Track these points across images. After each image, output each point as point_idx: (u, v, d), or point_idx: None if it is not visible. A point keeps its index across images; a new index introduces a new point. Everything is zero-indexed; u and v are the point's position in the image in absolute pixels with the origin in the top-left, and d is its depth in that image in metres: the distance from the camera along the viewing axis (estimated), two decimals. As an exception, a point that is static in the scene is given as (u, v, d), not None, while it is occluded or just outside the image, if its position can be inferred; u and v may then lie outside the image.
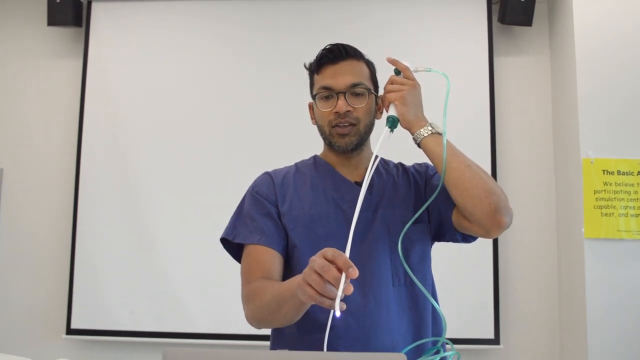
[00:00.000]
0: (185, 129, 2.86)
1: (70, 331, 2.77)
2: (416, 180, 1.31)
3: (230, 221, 1.28)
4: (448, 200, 1.18)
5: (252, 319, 1.16)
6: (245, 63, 2.91)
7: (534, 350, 2.75)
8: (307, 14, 2.93)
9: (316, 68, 1.26)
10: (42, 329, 2.87)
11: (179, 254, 2.76)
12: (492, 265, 2.70)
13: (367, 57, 1.29)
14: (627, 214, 2.44)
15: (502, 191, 1.13)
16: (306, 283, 0.87)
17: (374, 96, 1.26)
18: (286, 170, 1.33)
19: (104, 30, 2.97)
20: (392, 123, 1.16)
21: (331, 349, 1.10)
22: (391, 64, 1.22)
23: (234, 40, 2.93)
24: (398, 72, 1.22)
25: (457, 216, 1.19)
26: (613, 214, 2.44)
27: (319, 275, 0.85)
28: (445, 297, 1.36)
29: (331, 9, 2.91)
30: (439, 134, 1.15)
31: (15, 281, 2.92)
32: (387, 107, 1.19)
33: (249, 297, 1.16)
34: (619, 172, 2.47)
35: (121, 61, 2.94)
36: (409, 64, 1.22)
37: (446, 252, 1.55)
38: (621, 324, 2.37)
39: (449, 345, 1.04)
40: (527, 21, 2.78)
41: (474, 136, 2.76)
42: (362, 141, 1.25)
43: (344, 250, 0.88)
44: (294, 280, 0.99)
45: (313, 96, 1.28)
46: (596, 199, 2.46)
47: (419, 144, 1.17)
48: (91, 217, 2.83)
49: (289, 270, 1.22)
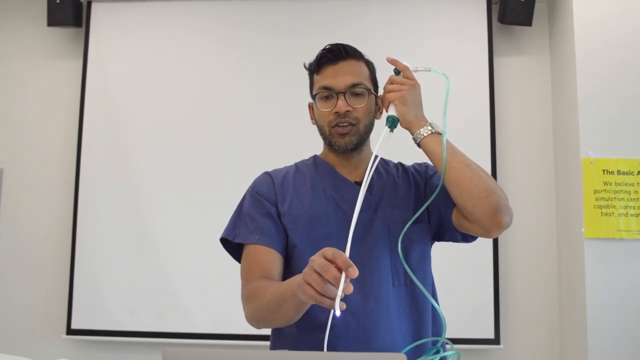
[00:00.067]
0: (186, 129, 2.86)
1: (70, 331, 2.77)
2: (416, 180, 1.31)
3: (230, 221, 1.28)
4: (448, 200, 1.18)
5: (252, 319, 1.16)
6: (245, 63, 2.91)
7: (534, 350, 2.75)
8: (307, 14, 2.93)
9: (316, 68, 1.26)
10: (42, 329, 2.87)
11: (179, 254, 2.76)
12: (492, 265, 2.70)
13: (367, 57, 1.29)
14: (627, 213, 2.44)
15: (502, 191, 1.13)
16: (306, 283, 0.87)
17: (373, 96, 1.26)
18: (286, 170, 1.33)
19: (104, 31, 2.97)
20: (392, 123, 1.16)
21: (331, 349, 1.10)
22: (391, 64, 1.22)
23: (234, 41, 2.93)
24: (398, 72, 1.22)
25: (457, 216, 1.19)
26: (613, 213, 2.44)
27: (319, 274, 0.85)
28: (445, 297, 1.36)
29: (331, 9, 2.91)
30: (438, 133, 1.15)
31: (15, 281, 2.92)
32: (386, 107, 1.19)
33: (248, 297, 1.16)
34: (619, 172, 2.47)
35: (121, 61, 2.94)
36: (408, 64, 1.22)
37: (446, 252, 1.55)
38: (621, 324, 2.37)
39: (448, 345, 1.04)
40: (527, 21, 2.78)
41: (474, 136, 2.76)
42: (362, 141, 1.25)
43: (344, 250, 0.88)
44: (293, 280, 0.99)
45: (313, 96, 1.27)
46: (596, 198, 2.46)
47: (418, 144, 1.17)
48: (91, 217, 2.84)
49: (289, 270, 1.22)
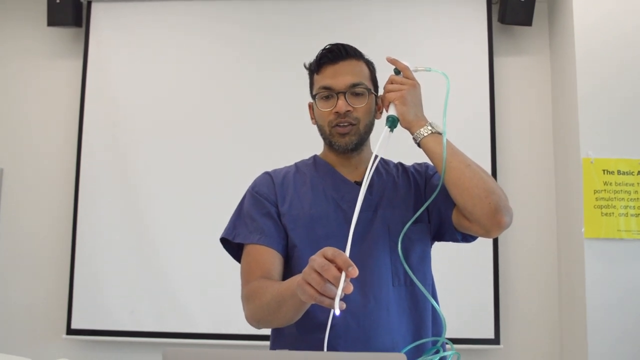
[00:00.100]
0: (185, 129, 2.86)
1: (70, 331, 2.77)
2: (416, 180, 1.31)
3: (230, 221, 1.28)
4: (448, 199, 1.18)
5: (251, 319, 1.16)
6: (245, 63, 2.91)
7: (534, 350, 2.75)
8: (307, 14, 2.93)
9: (316, 68, 1.26)
10: (42, 329, 2.87)
11: (179, 254, 2.76)
12: (492, 265, 2.70)
13: (367, 57, 1.29)
14: (627, 213, 2.44)
15: (502, 191, 1.13)
16: (306, 282, 0.87)
17: (373, 96, 1.26)
18: (286, 170, 1.33)
19: (104, 30, 2.97)
20: (392, 123, 1.15)
21: (331, 349, 1.10)
22: (391, 64, 1.22)
23: (234, 40, 2.93)
24: (398, 71, 1.22)
25: (457, 216, 1.19)
26: (613, 213, 2.44)
27: (319, 274, 0.85)
28: (445, 297, 1.36)
29: (331, 9, 2.91)
30: (438, 133, 1.15)
31: (15, 281, 2.92)
32: (386, 106, 1.19)
33: (248, 297, 1.16)
34: (619, 172, 2.47)
35: (121, 61, 2.94)
36: (408, 64, 1.22)
37: (446, 252, 1.55)
38: (621, 324, 2.37)
39: (448, 345, 1.04)
40: (527, 21, 2.78)
41: (474, 136, 2.76)
42: (362, 141, 1.25)
43: (344, 250, 0.88)
44: (293, 280, 0.99)
45: (313, 96, 1.27)
46: (596, 198, 2.46)
47: (418, 144, 1.17)
48: (91, 217, 2.83)
49: (289, 270, 1.22)
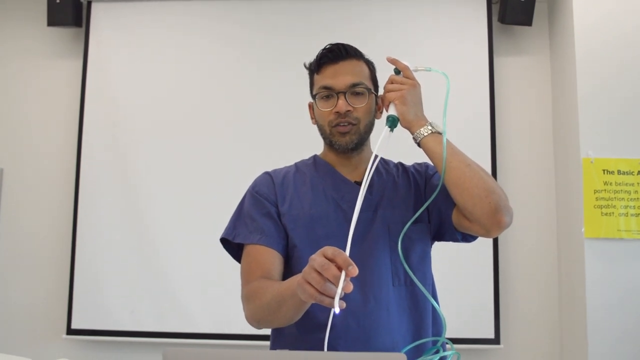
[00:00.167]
0: (185, 129, 2.86)
1: (70, 331, 2.77)
2: (416, 180, 1.31)
3: (230, 221, 1.28)
4: (448, 199, 1.18)
5: (252, 319, 1.16)
6: (245, 63, 2.91)
7: (534, 350, 2.75)
8: (307, 14, 2.93)
9: (316, 68, 1.26)
10: (42, 329, 2.87)
11: (179, 254, 2.76)
12: (492, 265, 2.70)
13: (367, 57, 1.29)
14: (627, 213, 2.44)
15: (502, 190, 1.13)
16: (306, 281, 0.87)
17: (374, 96, 1.26)
18: (286, 170, 1.33)
19: (104, 30, 2.97)
20: (392, 122, 1.16)
21: (331, 349, 1.10)
22: (391, 64, 1.22)
23: (233, 40, 2.93)
24: (398, 71, 1.22)
25: (457, 216, 1.19)
26: (613, 213, 2.44)
27: (319, 273, 0.85)
28: (445, 297, 1.36)
29: (331, 9, 2.91)
30: (439, 133, 1.15)
31: (15, 281, 2.92)
32: (387, 106, 1.19)
33: (249, 297, 1.16)
34: (619, 172, 2.47)
35: (121, 61, 2.94)
36: (408, 64, 1.22)
37: (446, 252, 1.55)
38: (621, 324, 2.37)
39: (448, 345, 1.04)
40: (527, 21, 2.78)
41: (474, 136, 2.76)
42: (362, 140, 1.25)
43: (344, 250, 0.88)
44: (294, 280, 0.99)
45: (313, 96, 1.27)
46: (596, 198, 2.46)
47: (418, 144, 1.17)
48: (91, 217, 2.83)
49: (289, 270, 1.22)
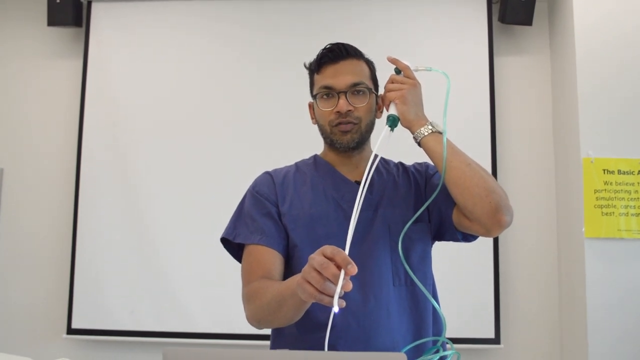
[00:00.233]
0: (186, 129, 2.86)
1: (70, 331, 2.77)
2: (416, 179, 1.31)
3: (231, 221, 1.28)
4: (448, 199, 1.18)
5: (252, 319, 1.16)
6: (245, 63, 2.91)
7: (534, 349, 2.75)
8: (307, 14, 2.93)
9: (316, 67, 1.26)
10: (42, 328, 2.87)
11: (179, 254, 2.76)
12: (492, 265, 2.70)
13: (367, 56, 1.29)
14: (627, 213, 2.44)
15: (502, 190, 1.13)
16: (305, 281, 0.87)
17: (374, 95, 1.26)
18: (286, 170, 1.33)
19: (104, 30, 2.96)
20: (393, 122, 1.16)
21: (331, 349, 1.10)
22: (392, 63, 1.22)
23: (234, 40, 2.93)
24: (398, 71, 1.22)
25: (458, 215, 1.19)
26: (613, 213, 2.44)
27: (318, 272, 0.85)
28: (445, 297, 1.36)
29: (331, 9, 2.91)
30: (439, 132, 1.15)
31: (15, 281, 2.92)
32: (387, 106, 1.19)
33: (249, 297, 1.16)
34: (619, 172, 2.47)
35: (121, 61, 2.94)
36: (409, 63, 1.22)
37: (446, 252, 1.55)
38: (622, 324, 2.37)
39: (449, 345, 1.04)
40: (527, 21, 2.78)
41: (474, 136, 2.75)
42: (363, 140, 1.25)
43: (344, 249, 0.88)
44: (293, 279, 0.99)
45: (314, 96, 1.27)
46: (596, 198, 2.46)
47: (419, 143, 1.17)
48: (91, 217, 2.83)
49: (290, 270, 1.22)
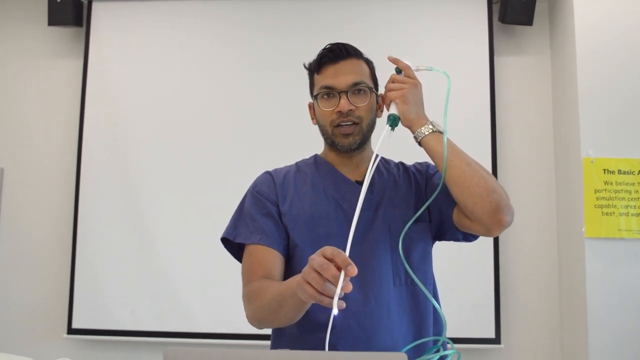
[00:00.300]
0: (186, 129, 2.86)
1: (71, 331, 2.77)
2: (417, 179, 1.31)
3: (231, 221, 1.28)
4: (449, 198, 1.18)
5: (253, 319, 1.16)
6: (245, 63, 2.91)
7: (534, 349, 2.75)
8: (307, 14, 2.93)
9: (317, 68, 1.26)
10: (43, 328, 2.87)
11: (179, 254, 2.76)
12: (492, 265, 2.70)
13: (367, 56, 1.29)
14: (627, 213, 2.44)
15: (503, 189, 1.13)
16: (306, 281, 0.87)
17: (375, 94, 1.26)
18: (287, 170, 1.33)
19: (104, 30, 2.96)
20: (393, 121, 1.16)
21: (331, 349, 1.10)
22: (392, 63, 1.23)
23: (234, 40, 2.93)
24: (399, 70, 1.22)
25: (458, 215, 1.19)
26: (614, 213, 2.44)
27: (318, 273, 0.85)
28: (446, 296, 1.36)
29: (331, 9, 2.91)
30: (439, 132, 1.15)
31: (15, 281, 2.92)
32: (388, 105, 1.19)
33: (249, 297, 1.16)
34: (619, 172, 2.47)
35: (122, 61, 2.94)
36: (410, 63, 1.22)
37: (447, 251, 1.55)
38: (622, 323, 2.37)
39: (449, 345, 1.04)
40: (527, 20, 2.78)
41: (474, 136, 2.75)
42: (364, 140, 1.26)
43: (344, 250, 0.88)
44: (294, 280, 0.99)
45: (314, 96, 1.27)
46: (597, 198, 2.46)
47: (419, 143, 1.17)
48: (92, 217, 2.83)
49: (290, 269, 1.22)
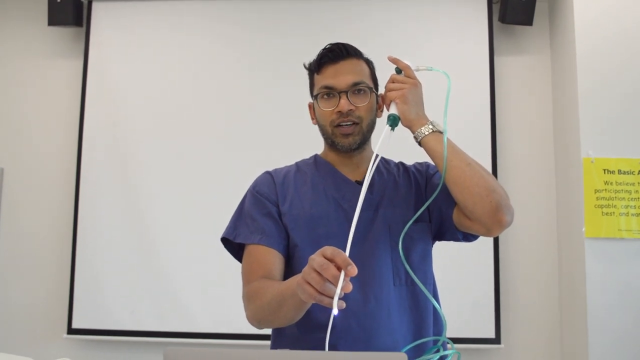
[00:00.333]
0: (186, 129, 2.86)
1: (71, 331, 2.77)
2: (417, 179, 1.31)
3: (231, 221, 1.28)
4: (449, 198, 1.18)
5: (253, 319, 1.16)
6: (245, 63, 2.91)
7: (534, 349, 2.75)
8: (307, 14, 2.93)
9: (317, 68, 1.26)
10: (43, 328, 2.87)
11: (179, 254, 2.76)
12: (492, 265, 2.70)
13: (366, 56, 1.29)
14: (627, 213, 2.44)
15: (503, 189, 1.13)
16: (305, 282, 0.87)
17: (375, 94, 1.27)
18: (287, 170, 1.33)
19: (104, 30, 2.96)
20: (393, 121, 1.16)
21: (332, 349, 1.10)
22: (392, 63, 1.23)
23: (234, 40, 2.93)
24: (399, 70, 1.22)
25: (458, 215, 1.19)
26: (614, 213, 2.44)
27: (318, 273, 0.85)
28: (446, 296, 1.36)
29: (331, 9, 2.91)
30: (439, 132, 1.15)
31: (15, 281, 2.92)
32: (388, 105, 1.19)
33: (250, 297, 1.16)
34: (619, 172, 2.47)
35: (121, 61, 2.94)
36: (410, 63, 1.22)
37: (447, 251, 1.55)
38: (622, 323, 2.37)
39: (449, 345, 1.04)
40: (527, 20, 2.78)
41: (474, 136, 2.75)
42: (364, 140, 1.26)
43: (344, 250, 0.88)
44: (294, 280, 0.99)
45: (314, 96, 1.27)
46: (597, 198, 2.46)
47: (419, 143, 1.17)
48: (92, 217, 2.83)
49: (290, 270, 1.22)
